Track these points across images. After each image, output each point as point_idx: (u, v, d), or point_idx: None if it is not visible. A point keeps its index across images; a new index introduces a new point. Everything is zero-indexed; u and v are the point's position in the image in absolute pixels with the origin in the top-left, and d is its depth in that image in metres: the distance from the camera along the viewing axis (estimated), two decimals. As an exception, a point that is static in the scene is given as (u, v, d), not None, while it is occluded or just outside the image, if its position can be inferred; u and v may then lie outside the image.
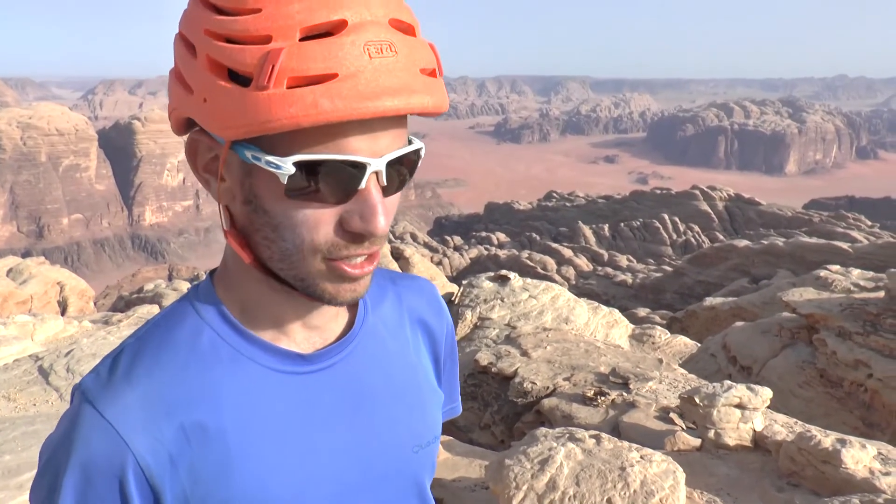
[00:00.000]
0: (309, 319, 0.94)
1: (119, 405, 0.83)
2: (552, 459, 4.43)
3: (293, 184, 0.78)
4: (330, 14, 0.74)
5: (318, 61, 0.73)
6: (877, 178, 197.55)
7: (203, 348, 0.89)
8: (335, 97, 0.72)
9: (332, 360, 0.96)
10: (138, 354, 0.88)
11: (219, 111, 0.77)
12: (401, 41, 0.78)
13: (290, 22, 0.73)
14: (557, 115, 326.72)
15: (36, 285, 23.76)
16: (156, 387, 0.85)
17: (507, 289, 12.20)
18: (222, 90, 0.76)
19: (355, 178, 0.79)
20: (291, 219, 0.81)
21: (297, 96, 0.72)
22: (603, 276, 48.35)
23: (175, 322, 0.92)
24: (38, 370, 9.00)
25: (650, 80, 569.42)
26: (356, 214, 0.80)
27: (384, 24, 0.77)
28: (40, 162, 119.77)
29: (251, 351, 0.91)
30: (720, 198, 67.61)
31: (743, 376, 12.00)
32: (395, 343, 1.06)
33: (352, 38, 0.74)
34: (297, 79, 0.73)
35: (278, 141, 0.77)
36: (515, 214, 78.11)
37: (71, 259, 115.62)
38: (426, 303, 1.15)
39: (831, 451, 5.02)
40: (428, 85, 0.79)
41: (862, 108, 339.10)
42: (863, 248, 35.67)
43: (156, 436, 0.83)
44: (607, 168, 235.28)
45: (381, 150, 0.80)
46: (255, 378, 0.90)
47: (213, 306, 0.93)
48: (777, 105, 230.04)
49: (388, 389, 1.01)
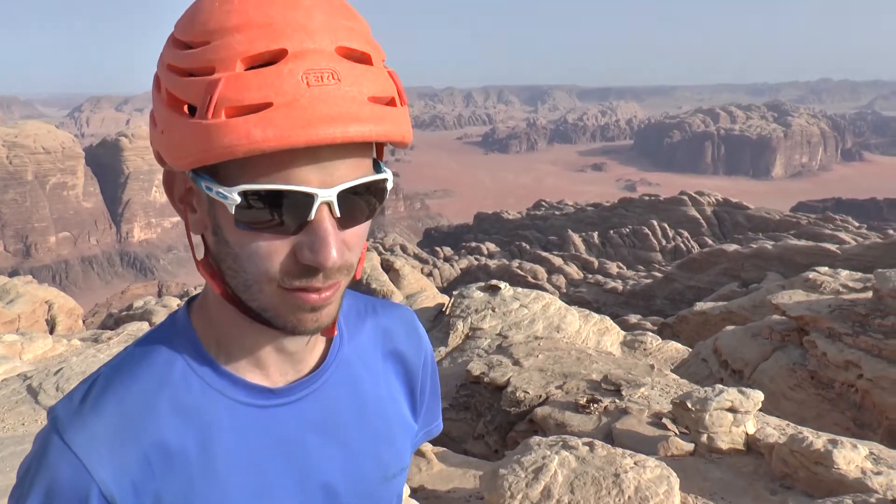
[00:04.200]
0: (282, 350, 0.94)
1: (85, 435, 0.85)
2: (546, 468, 4.43)
3: (241, 214, 0.78)
4: (270, 44, 0.74)
5: (254, 91, 0.73)
6: (862, 180, 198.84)
7: (174, 379, 0.90)
8: (267, 126, 0.72)
9: (302, 393, 0.96)
10: (110, 383, 0.89)
11: (173, 142, 0.78)
12: (347, 69, 0.76)
13: (232, 53, 0.74)
14: (544, 124, 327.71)
15: (23, 304, 23.60)
16: (124, 416, 0.87)
17: (497, 298, 12.20)
18: (175, 121, 0.77)
19: (304, 208, 0.78)
20: (246, 249, 0.81)
21: (231, 126, 0.72)
22: (593, 283, 48.42)
23: (150, 351, 0.93)
24: (26, 389, 8.93)
25: (636, 88, 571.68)
26: (305, 246, 0.79)
27: (329, 53, 0.76)
28: (27, 180, 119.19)
29: (221, 384, 0.92)
30: (708, 203, 67.88)
31: (734, 380, 12.03)
32: (368, 374, 1.06)
33: (290, 66, 0.73)
34: (234, 109, 0.73)
35: (230, 171, 0.78)
36: (505, 224, 78.18)
37: (59, 277, 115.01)
38: (405, 333, 1.15)
39: (823, 452, 5.04)
40: (377, 113, 0.77)
41: (846, 110, 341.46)
42: (850, 249, 35.87)
43: (120, 465, 0.85)
44: (595, 176, 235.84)
45: (334, 181, 0.79)
46: (224, 411, 0.91)
47: (187, 337, 0.94)
48: (762, 109, 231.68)
49: (358, 421, 1.02)
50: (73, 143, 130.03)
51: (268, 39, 0.74)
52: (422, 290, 25.44)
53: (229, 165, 0.78)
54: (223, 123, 0.73)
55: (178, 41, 0.80)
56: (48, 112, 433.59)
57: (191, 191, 0.86)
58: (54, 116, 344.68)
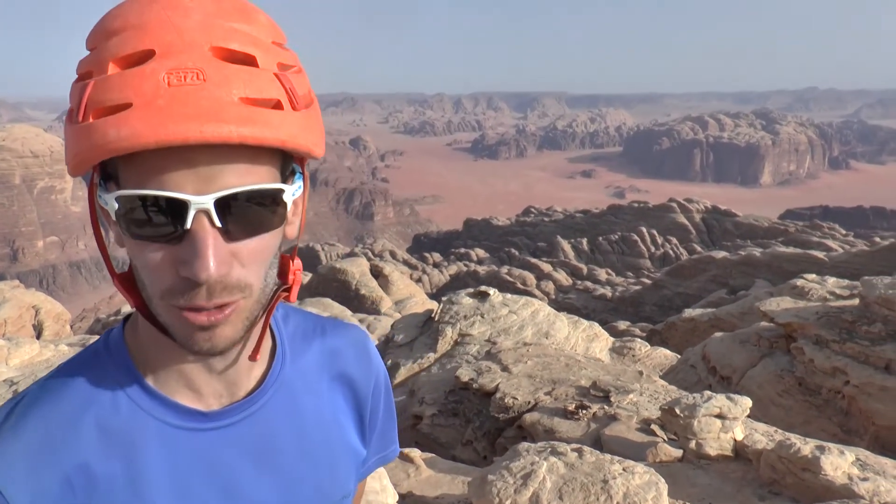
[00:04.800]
0: (210, 369, 0.90)
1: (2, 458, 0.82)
2: (535, 474, 4.43)
3: (124, 222, 0.76)
4: (138, 45, 0.72)
5: (115, 91, 0.71)
6: (849, 188, 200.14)
7: (102, 399, 0.87)
8: (122, 126, 0.70)
9: (237, 417, 0.93)
10: (35, 402, 0.87)
11: (68, 150, 0.76)
12: (216, 69, 0.73)
13: (105, 56, 0.73)
14: (534, 130, 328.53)
15: (10, 309, 23.42)
16: (46, 437, 0.84)
17: (486, 304, 12.21)
18: (66, 129, 0.76)
19: (178, 216, 0.74)
20: (137, 260, 0.79)
21: (93, 128, 0.71)
22: (582, 290, 48.53)
23: (79, 370, 0.90)
24: (12, 395, 8.88)
25: (625, 95, 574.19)
26: (183, 258, 0.75)
27: (200, 53, 0.73)
28: (14, 184, 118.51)
29: (150, 405, 0.88)
30: (697, 210, 68.17)
31: (723, 386, 12.06)
32: (311, 398, 1.02)
33: (153, 66, 0.72)
34: (99, 111, 0.72)
35: (119, 178, 0.76)
36: (494, 230, 78.26)
37: (46, 282, 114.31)
38: (354, 356, 1.11)
39: (811, 458, 5.06)
40: (246, 114, 0.73)
41: (833, 119, 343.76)
42: (838, 256, 36.13)
43: (39, 488, 0.82)
44: (584, 182, 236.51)
45: (211, 188, 0.74)
46: (153, 433, 0.88)
47: (118, 356, 0.91)
48: (751, 117, 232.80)
49: (297, 447, 0.98)
50: (61, 146, 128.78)
51: (137, 40, 0.73)
52: (411, 296, 25.43)
53: (119, 172, 0.76)
54: (89, 125, 0.72)
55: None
56: (37, 115, 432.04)
57: None
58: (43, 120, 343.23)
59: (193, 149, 0.72)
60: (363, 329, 1.16)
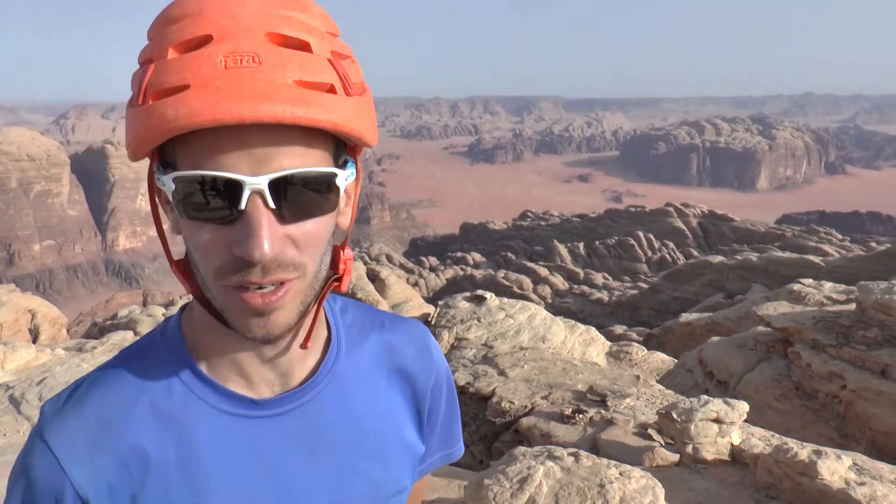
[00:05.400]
0: (262, 358, 0.92)
1: (64, 434, 0.86)
2: (531, 478, 4.42)
3: (180, 203, 0.78)
4: (196, 30, 0.76)
5: (174, 74, 0.74)
6: (845, 193, 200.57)
7: (157, 384, 0.90)
8: (179, 106, 0.73)
9: (287, 407, 0.94)
10: (95, 384, 0.90)
11: (128, 134, 0.79)
12: (271, 53, 0.76)
13: (165, 42, 0.76)
14: (531, 134, 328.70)
15: (6, 313, 23.36)
16: (103, 419, 0.87)
17: (483, 309, 12.20)
18: (126, 113, 0.80)
19: (234, 196, 0.76)
20: (192, 241, 0.81)
21: (152, 109, 0.74)
22: (579, 294, 48.55)
23: (137, 356, 0.94)
24: (8, 399, 8.86)
25: (622, 100, 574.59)
26: (238, 237, 0.77)
27: (255, 38, 0.76)
28: (10, 188, 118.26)
29: (203, 391, 0.91)
30: (694, 214, 68.25)
31: (720, 391, 12.06)
32: (365, 391, 1.03)
33: (210, 50, 0.74)
34: (158, 93, 0.75)
35: (173, 160, 0.79)
36: (491, 234, 78.27)
37: (43, 286, 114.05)
38: (413, 352, 1.11)
39: (808, 462, 5.06)
40: (300, 96, 0.76)
41: (829, 124, 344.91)
42: (834, 261, 36.18)
43: (97, 465, 0.85)
44: (581, 187, 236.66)
45: (266, 169, 0.77)
46: (205, 419, 0.90)
47: (174, 343, 0.94)
48: (747, 122, 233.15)
49: (349, 439, 0.99)
50: (58, 150, 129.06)
51: (195, 26, 0.76)
52: (407, 300, 25.39)
53: (176, 157, 0.79)
54: (149, 107, 0.75)
55: None
56: (33, 119, 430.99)
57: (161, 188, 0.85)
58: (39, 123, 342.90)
59: (248, 130, 0.75)
60: (424, 325, 1.17)
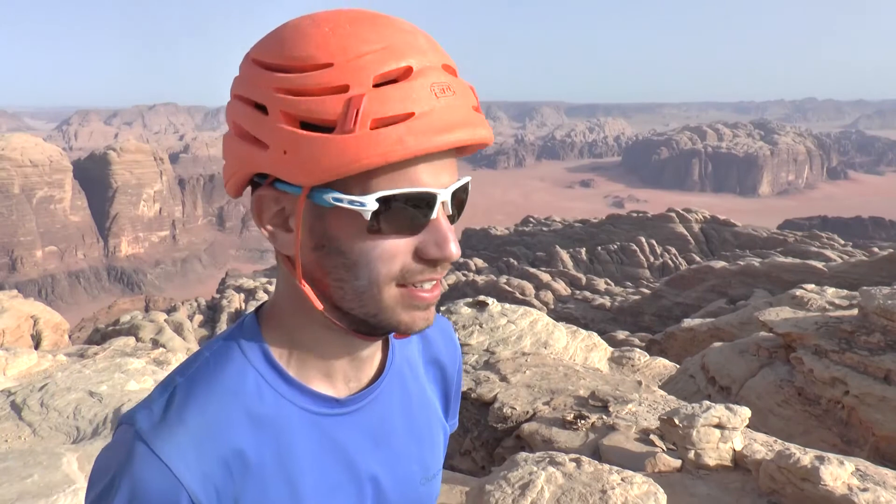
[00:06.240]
0: (354, 358, 1.01)
1: (172, 444, 0.88)
2: (533, 484, 4.42)
3: (374, 220, 0.85)
4: (398, 62, 0.82)
5: (396, 103, 0.80)
6: (848, 198, 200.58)
7: (248, 389, 0.95)
8: (417, 133, 0.80)
9: (362, 403, 1.03)
10: (190, 393, 0.93)
11: (301, 160, 0.82)
12: (455, 83, 0.86)
13: (365, 72, 0.81)
14: (533, 140, 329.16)
15: (8, 319, 23.37)
16: (206, 425, 0.91)
17: (485, 314, 12.19)
18: (305, 139, 0.82)
19: (428, 208, 0.86)
20: (368, 254, 0.87)
21: (382, 136, 0.80)
22: (581, 299, 48.50)
23: (223, 362, 0.97)
24: (10, 405, 8.84)
25: (624, 105, 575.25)
26: (431, 243, 0.87)
27: (440, 69, 0.86)
28: (13, 194, 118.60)
29: (292, 394, 0.97)
30: (696, 220, 68.20)
31: (722, 396, 12.05)
32: (415, 382, 1.14)
33: (420, 81, 0.82)
34: (379, 120, 0.80)
35: (353, 183, 0.84)
36: (492, 240, 78.25)
37: (45, 292, 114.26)
38: (443, 342, 1.23)
39: (810, 468, 5.05)
40: (482, 120, 0.88)
41: (831, 129, 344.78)
42: (837, 266, 36.14)
43: (205, 471, 0.89)
44: (583, 192, 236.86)
45: (445, 182, 0.87)
46: (295, 419, 0.96)
47: (258, 348, 0.98)
48: (749, 127, 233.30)
49: (405, 426, 1.09)
50: (60, 156, 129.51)
51: (395, 59, 0.82)
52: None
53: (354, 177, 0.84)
54: (373, 134, 0.80)
55: (279, 66, 0.85)
56: (36, 125, 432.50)
57: (283, 211, 0.91)
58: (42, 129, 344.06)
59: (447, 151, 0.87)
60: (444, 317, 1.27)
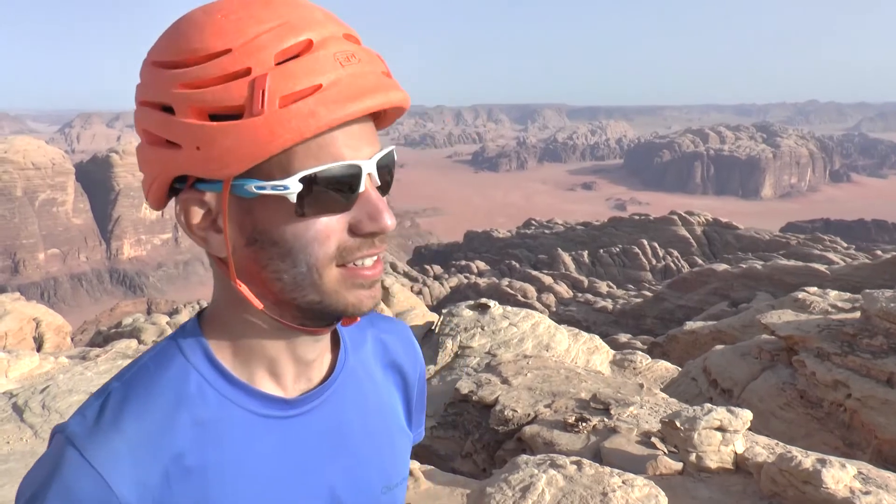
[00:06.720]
0: (300, 360, 0.96)
1: (107, 451, 0.84)
2: (534, 486, 4.42)
3: (300, 202, 0.82)
4: (297, 36, 0.80)
5: (302, 77, 0.79)
6: (850, 201, 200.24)
7: (190, 392, 0.90)
8: (328, 104, 0.79)
9: (313, 404, 0.98)
10: (127, 398, 0.89)
11: (216, 152, 0.80)
12: (359, 51, 0.84)
13: (264, 52, 0.79)
14: (534, 142, 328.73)
15: (10, 322, 23.41)
16: (143, 431, 0.87)
17: (487, 317, 12.19)
18: (216, 130, 0.79)
19: (355, 182, 0.84)
20: (302, 238, 0.84)
21: (293, 112, 0.78)
22: (583, 302, 48.48)
23: (162, 365, 0.92)
24: (11, 407, 8.86)
25: (625, 107, 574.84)
26: (364, 217, 0.85)
27: (342, 38, 0.84)
28: (16, 196, 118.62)
29: (236, 395, 0.92)
30: (698, 222, 68.15)
31: (724, 399, 12.04)
32: (371, 385, 1.09)
33: (322, 52, 0.81)
34: (287, 97, 0.78)
35: (274, 168, 0.82)
36: (494, 242, 78.25)
37: (47, 294, 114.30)
38: (402, 347, 1.18)
39: (812, 471, 5.04)
40: (394, 84, 0.86)
41: (834, 132, 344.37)
42: (839, 269, 36.09)
43: (142, 481, 0.85)
44: (585, 195, 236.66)
45: (367, 154, 0.85)
46: (240, 422, 0.92)
47: (200, 349, 0.94)
48: (751, 130, 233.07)
49: (362, 431, 1.04)
50: (63, 158, 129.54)
51: (293, 34, 0.80)
52: (411, 308, 25.36)
53: (272, 162, 0.81)
54: (283, 111, 0.78)
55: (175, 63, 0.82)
56: (38, 128, 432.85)
57: (209, 212, 0.87)
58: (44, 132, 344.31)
59: (365, 119, 0.85)
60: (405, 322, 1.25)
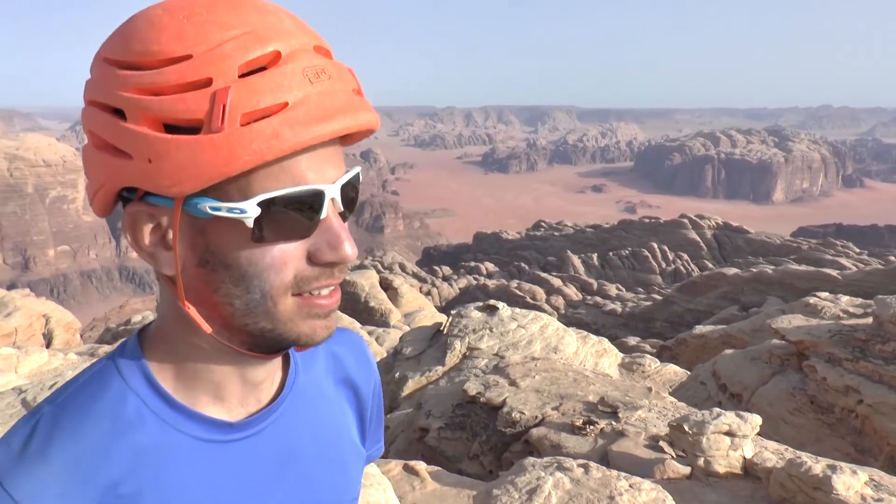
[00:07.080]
0: (247, 382, 0.90)
1: (31, 483, 0.77)
2: (540, 489, 4.38)
3: (258, 226, 0.75)
4: (264, 47, 0.73)
5: (267, 93, 0.72)
6: (863, 206, 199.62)
7: (128, 416, 0.84)
8: (293, 125, 0.72)
9: (260, 426, 0.92)
10: (58, 424, 0.81)
11: (169, 167, 0.72)
12: (330, 66, 0.78)
13: (228, 62, 0.72)
14: (544, 144, 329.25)
15: (20, 318, 23.52)
16: (74, 459, 0.79)
17: (495, 318, 12.16)
18: (170, 144, 0.72)
19: (317, 207, 0.77)
20: (257, 264, 0.78)
21: (255, 132, 0.71)
22: (592, 305, 48.43)
23: (98, 388, 0.85)
24: (21, 403, 8.88)
25: (636, 110, 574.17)
26: (324, 245, 0.79)
27: (312, 51, 0.77)
28: (27, 193, 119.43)
29: (176, 419, 0.86)
30: (709, 226, 67.97)
31: (733, 403, 11.97)
32: (323, 403, 1.03)
33: (290, 66, 0.74)
34: (249, 115, 0.71)
35: (232, 188, 0.75)
36: (504, 244, 78.26)
37: (57, 291, 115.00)
38: (355, 361, 1.13)
39: (822, 477, 4.99)
40: (364, 103, 0.79)
41: (846, 137, 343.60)
42: (851, 275, 35.90)
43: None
44: (595, 197, 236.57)
45: (332, 177, 0.79)
46: (181, 448, 0.85)
47: (139, 371, 0.87)
48: (763, 134, 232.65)
49: (312, 450, 0.98)
50: (74, 156, 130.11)
51: (260, 44, 0.73)
52: (420, 309, 25.41)
53: (232, 181, 0.75)
54: (245, 130, 0.71)
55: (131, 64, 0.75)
56: (49, 125, 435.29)
57: (159, 227, 0.79)
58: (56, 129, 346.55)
59: (331, 142, 0.78)
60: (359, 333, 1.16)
